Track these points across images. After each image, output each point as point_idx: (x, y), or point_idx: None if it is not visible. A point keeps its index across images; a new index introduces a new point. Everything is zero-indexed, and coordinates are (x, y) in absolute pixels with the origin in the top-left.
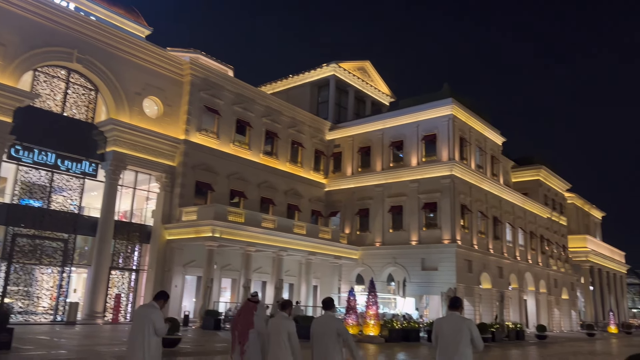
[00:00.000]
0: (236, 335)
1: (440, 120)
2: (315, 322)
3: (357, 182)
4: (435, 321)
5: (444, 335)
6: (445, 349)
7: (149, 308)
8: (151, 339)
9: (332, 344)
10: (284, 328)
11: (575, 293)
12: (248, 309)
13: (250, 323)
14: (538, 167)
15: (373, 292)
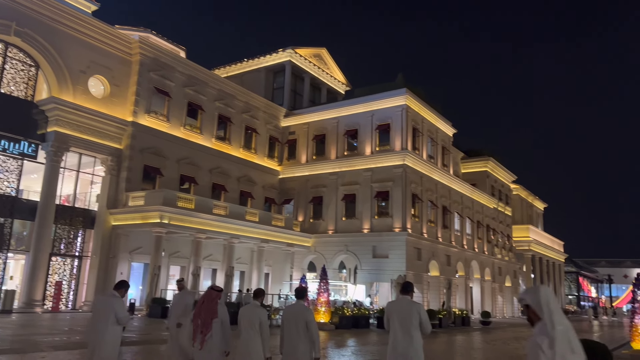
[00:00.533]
0: (199, 324)
1: (394, 110)
2: (287, 310)
3: (312, 170)
4: (387, 305)
5: (394, 319)
6: (395, 331)
7: (109, 297)
8: (112, 328)
9: (301, 333)
10: (256, 316)
11: (517, 280)
12: (211, 298)
13: (214, 312)
14: (486, 159)
15: (325, 280)
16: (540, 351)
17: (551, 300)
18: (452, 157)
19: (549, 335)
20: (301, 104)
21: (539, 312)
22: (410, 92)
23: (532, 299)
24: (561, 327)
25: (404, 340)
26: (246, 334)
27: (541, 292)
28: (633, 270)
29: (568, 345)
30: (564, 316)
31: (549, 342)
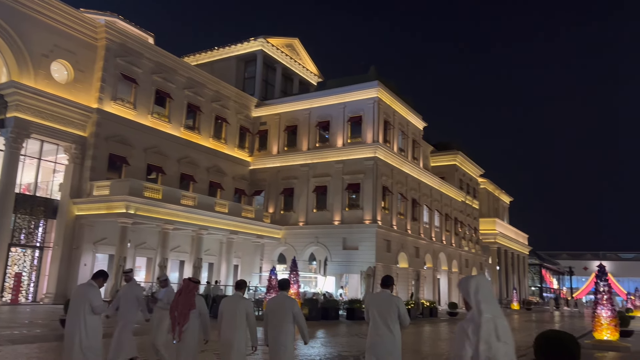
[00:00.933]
0: (175, 316)
1: (366, 102)
2: (271, 301)
3: (283, 161)
4: (367, 298)
5: (374, 311)
6: (375, 324)
7: (86, 287)
8: (88, 318)
9: (286, 324)
10: (241, 307)
11: (483, 272)
12: (189, 290)
13: (191, 304)
14: (455, 152)
15: (295, 271)
16: (465, 336)
17: (480, 290)
18: (422, 150)
19: (475, 322)
20: (273, 95)
21: (469, 300)
22: (382, 85)
23: (463, 289)
24: (488, 316)
25: (383, 332)
26: (229, 325)
27: (471, 282)
28: (592, 262)
29: (494, 333)
30: (495, 305)
31: (474, 328)
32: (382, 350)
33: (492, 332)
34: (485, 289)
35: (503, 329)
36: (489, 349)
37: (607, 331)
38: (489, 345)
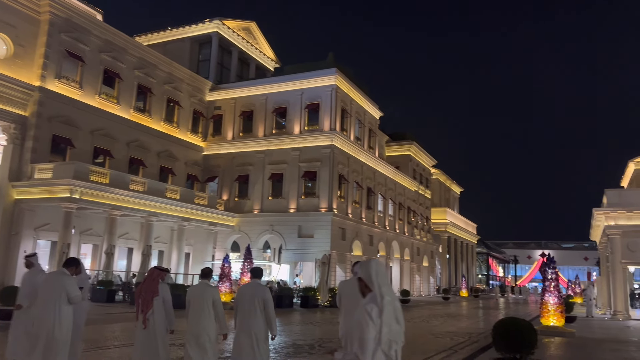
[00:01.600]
0: (139, 303)
1: (324, 89)
2: (243, 289)
3: (238, 147)
4: (339, 285)
5: (345, 298)
6: (347, 309)
7: (59, 275)
8: (63, 307)
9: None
10: (208, 295)
11: (434, 261)
12: (154, 277)
13: (155, 291)
14: (409, 143)
15: (249, 259)
16: (369, 318)
17: (380, 274)
18: (378, 139)
19: (378, 304)
20: (228, 79)
21: (370, 284)
22: (340, 73)
23: (364, 272)
24: (388, 298)
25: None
26: (197, 313)
27: (372, 266)
28: (536, 251)
29: (393, 315)
30: (391, 289)
31: (378, 311)
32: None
33: (392, 315)
34: (383, 272)
35: (399, 312)
36: (389, 331)
37: (554, 317)
38: (389, 327)
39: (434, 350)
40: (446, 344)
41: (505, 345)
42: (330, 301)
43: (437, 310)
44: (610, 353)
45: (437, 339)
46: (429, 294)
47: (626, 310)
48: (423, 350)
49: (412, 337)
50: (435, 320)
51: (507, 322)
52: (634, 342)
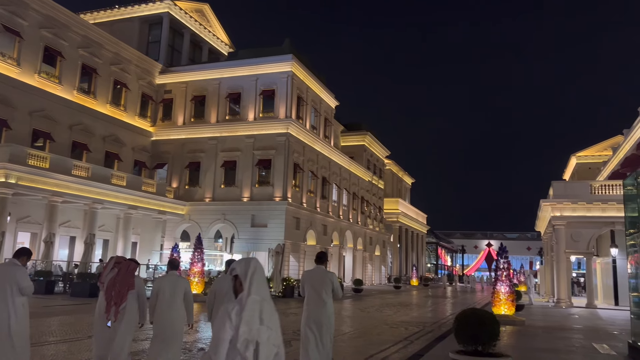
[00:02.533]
0: (112, 295)
1: (279, 76)
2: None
3: (189, 133)
4: (303, 274)
5: (309, 286)
6: (310, 298)
7: (10, 266)
8: (17, 300)
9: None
10: (181, 286)
11: (386, 250)
12: (130, 269)
13: (131, 284)
14: (364, 133)
15: (200, 249)
16: (228, 317)
17: (257, 274)
18: (334, 129)
19: (242, 303)
20: (179, 62)
21: (244, 281)
22: (296, 59)
23: (241, 270)
24: (256, 297)
25: (317, 305)
26: (168, 304)
27: (251, 264)
28: (482, 241)
29: (257, 315)
30: (265, 289)
31: (238, 309)
32: (317, 321)
33: (256, 315)
34: (261, 272)
35: (269, 313)
36: (249, 331)
37: (505, 306)
38: (249, 327)
39: (390, 341)
40: (401, 334)
41: (467, 336)
42: (283, 291)
43: (389, 299)
44: (562, 341)
45: (392, 329)
46: (380, 283)
47: (569, 298)
48: (379, 341)
49: (368, 327)
50: (388, 310)
51: (469, 313)
52: (580, 329)
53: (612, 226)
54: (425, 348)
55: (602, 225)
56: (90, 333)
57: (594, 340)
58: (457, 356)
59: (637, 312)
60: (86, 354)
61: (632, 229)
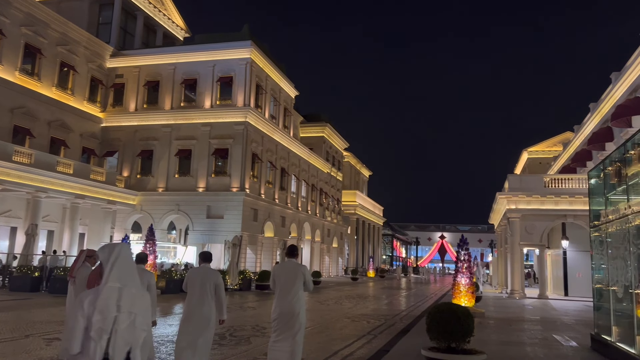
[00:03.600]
0: None
1: (238, 62)
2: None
3: (142, 119)
4: (274, 267)
5: (281, 280)
6: (282, 291)
7: None
8: None
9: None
10: (145, 280)
11: (343, 242)
12: None
13: None
14: (323, 125)
15: (151, 240)
16: (80, 307)
17: (120, 259)
18: (293, 119)
19: (97, 291)
20: (132, 46)
21: (104, 268)
22: (255, 46)
23: (103, 257)
24: (115, 285)
25: (289, 298)
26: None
27: (115, 250)
28: (435, 233)
29: (114, 302)
30: (130, 276)
31: (92, 298)
32: (289, 314)
33: (113, 302)
34: (125, 258)
35: (130, 300)
36: (103, 319)
37: (465, 298)
38: (104, 316)
39: (353, 336)
40: (364, 328)
41: (440, 333)
42: (240, 284)
43: (348, 291)
44: (524, 333)
45: (354, 323)
46: (337, 275)
47: (522, 289)
48: (342, 336)
49: (329, 321)
50: (347, 302)
51: (443, 308)
52: (538, 320)
53: (564, 219)
54: (389, 343)
55: (555, 218)
56: (27, 332)
57: (553, 331)
58: (430, 353)
59: (600, 304)
60: (22, 356)
61: (597, 221)
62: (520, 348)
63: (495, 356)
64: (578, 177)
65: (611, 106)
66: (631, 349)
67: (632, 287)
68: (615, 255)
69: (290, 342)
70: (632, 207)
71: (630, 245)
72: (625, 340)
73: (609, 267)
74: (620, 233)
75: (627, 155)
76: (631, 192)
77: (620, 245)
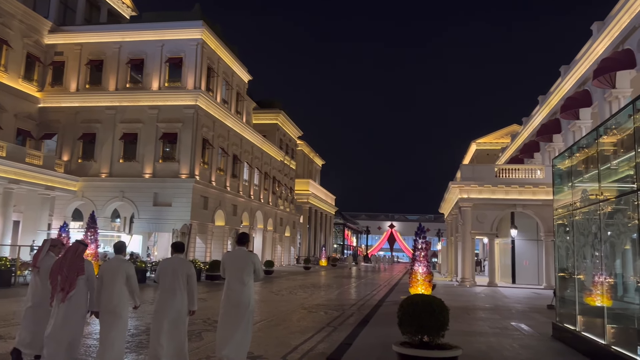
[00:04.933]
0: (59, 281)
1: (188, 43)
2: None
3: (84, 100)
4: (223, 255)
5: (230, 268)
6: (231, 280)
7: None
8: None
9: (120, 289)
10: (123, 270)
11: (296, 231)
12: (78, 253)
13: (80, 269)
14: (277, 112)
15: (93, 229)
16: None
17: None
18: (246, 105)
19: None
20: (73, 22)
21: None
22: (207, 27)
23: None
24: None
25: (238, 287)
26: (112, 289)
27: None
28: (385, 223)
29: None
30: None
31: None
32: (238, 304)
33: None
34: None
35: None
36: None
37: (422, 286)
38: None
39: (312, 328)
40: (322, 320)
41: (414, 327)
42: None
43: (301, 280)
44: (483, 322)
45: (311, 314)
46: (290, 264)
47: (472, 277)
48: (301, 328)
49: (285, 313)
50: (302, 292)
51: (417, 300)
52: (493, 309)
53: (513, 208)
54: (351, 335)
55: (505, 207)
56: None
57: (510, 319)
58: (402, 349)
59: (563, 293)
60: None
61: (561, 209)
62: (485, 339)
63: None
64: (528, 168)
65: (560, 98)
66: (599, 339)
67: (601, 275)
68: (584, 243)
69: (239, 332)
70: (605, 194)
71: (601, 233)
72: (591, 330)
73: (575, 256)
74: (587, 221)
75: (600, 140)
76: (603, 179)
77: (589, 233)
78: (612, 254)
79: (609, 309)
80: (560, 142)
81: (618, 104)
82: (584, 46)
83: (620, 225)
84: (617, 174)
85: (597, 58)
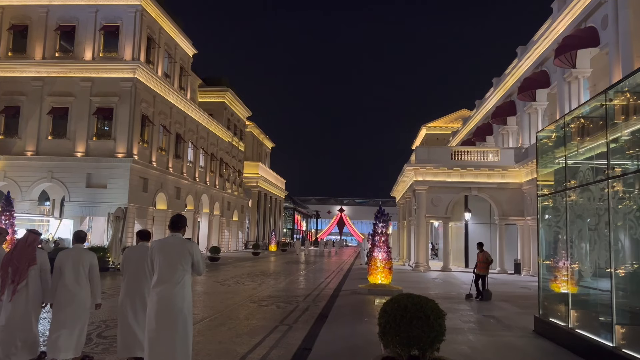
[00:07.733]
0: (9, 272)
1: (125, 9)
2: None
3: (5, 70)
4: (153, 243)
5: (161, 259)
6: (161, 274)
7: None
8: None
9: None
10: (86, 260)
11: (244, 215)
12: (29, 242)
13: (32, 259)
14: (225, 90)
15: (8, 212)
16: None
17: None
18: (191, 81)
19: None
20: None
21: None
22: None
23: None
24: None
25: (170, 286)
26: (72, 280)
27: None
28: (335, 207)
29: None
30: None
31: None
32: (170, 307)
33: None
34: None
35: None
36: None
37: (382, 275)
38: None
39: (263, 329)
40: (275, 316)
41: (402, 338)
42: None
43: (249, 267)
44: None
45: (262, 309)
46: (238, 249)
47: (427, 262)
48: (249, 328)
49: (232, 308)
50: (250, 281)
51: (405, 303)
52: (457, 297)
53: (468, 191)
54: (309, 336)
55: (460, 190)
56: None
57: (480, 311)
58: None
59: (547, 283)
60: None
61: (546, 189)
62: (464, 337)
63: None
64: (484, 150)
65: (516, 80)
66: (605, 341)
67: (610, 266)
68: (581, 228)
69: (173, 343)
70: (615, 169)
71: (610, 215)
72: (591, 329)
73: (567, 242)
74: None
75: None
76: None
77: (592, 216)
78: (618, 240)
79: (618, 305)
80: (514, 125)
81: (578, 85)
82: (543, 25)
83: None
84: (632, 145)
85: (557, 37)
